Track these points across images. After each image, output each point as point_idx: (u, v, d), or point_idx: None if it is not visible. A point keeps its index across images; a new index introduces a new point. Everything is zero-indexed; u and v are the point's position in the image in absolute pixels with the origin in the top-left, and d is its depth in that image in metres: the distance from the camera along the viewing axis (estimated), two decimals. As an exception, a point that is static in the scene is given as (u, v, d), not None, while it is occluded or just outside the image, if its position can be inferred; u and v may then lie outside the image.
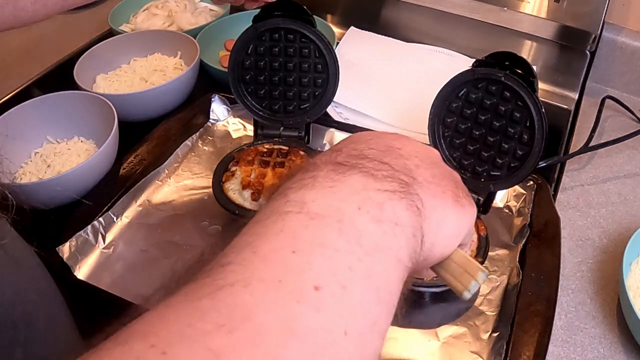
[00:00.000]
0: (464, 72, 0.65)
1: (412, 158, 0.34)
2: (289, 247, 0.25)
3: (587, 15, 0.89)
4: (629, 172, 0.79)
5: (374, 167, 0.31)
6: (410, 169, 0.33)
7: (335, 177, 0.30)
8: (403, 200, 0.30)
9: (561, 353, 0.58)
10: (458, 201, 0.34)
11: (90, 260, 0.65)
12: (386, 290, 0.27)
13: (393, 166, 0.32)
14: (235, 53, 0.74)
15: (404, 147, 0.35)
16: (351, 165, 0.31)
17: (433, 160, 0.36)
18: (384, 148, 0.34)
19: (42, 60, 1.00)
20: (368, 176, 0.30)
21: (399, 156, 0.33)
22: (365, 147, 0.34)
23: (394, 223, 0.28)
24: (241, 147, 0.73)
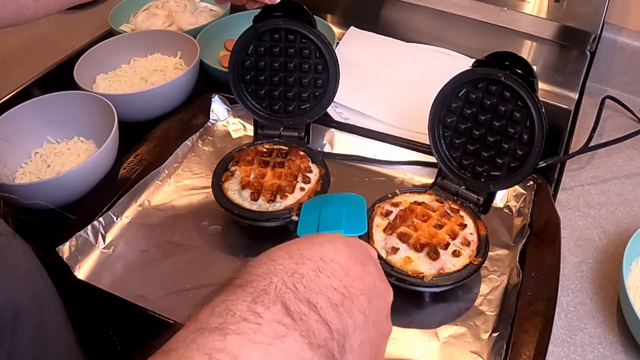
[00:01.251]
0: (464, 72, 0.65)
1: (357, 315, 0.35)
2: None
3: (587, 15, 0.89)
4: (629, 172, 0.79)
5: (315, 329, 0.32)
6: (347, 333, 0.34)
7: (277, 333, 0.30)
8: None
9: (561, 353, 0.58)
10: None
11: (90, 260, 0.65)
12: None
13: (332, 327, 0.33)
14: (236, 53, 0.74)
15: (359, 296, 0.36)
16: (297, 319, 0.31)
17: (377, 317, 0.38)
18: (340, 296, 0.35)
19: (42, 60, 1.00)
20: (304, 341, 0.30)
21: (346, 313, 0.34)
22: (324, 286, 0.34)
23: None
24: (241, 147, 0.73)
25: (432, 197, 0.66)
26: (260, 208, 0.65)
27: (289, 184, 0.66)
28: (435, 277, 0.57)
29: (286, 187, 0.66)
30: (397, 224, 0.62)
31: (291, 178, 0.67)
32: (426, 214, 0.62)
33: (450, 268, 0.58)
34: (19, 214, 0.39)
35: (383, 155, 0.77)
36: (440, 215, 0.62)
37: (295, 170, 0.68)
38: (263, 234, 0.68)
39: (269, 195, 0.65)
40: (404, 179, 0.75)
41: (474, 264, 0.58)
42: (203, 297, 0.33)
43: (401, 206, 0.64)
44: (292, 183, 0.67)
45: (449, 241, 0.60)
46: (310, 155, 0.72)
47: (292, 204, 0.65)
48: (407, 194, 0.66)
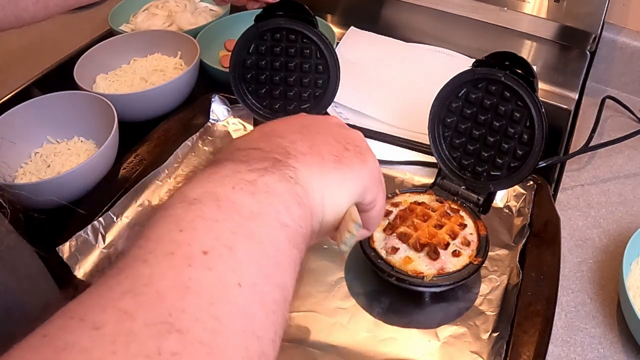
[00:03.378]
0: (464, 72, 0.65)
1: (289, 135, 0.37)
2: (175, 229, 0.28)
3: (587, 15, 0.89)
4: (629, 172, 0.79)
5: (245, 155, 0.34)
6: (285, 146, 0.36)
7: (211, 171, 0.33)
8: (275, 174, 0.33)
9: (561, 353, 0.58)
10: (342, 162, 0.37)
11: (90, 260, 0.65)
12: (273, 247, 0.30)
13: (264, 149, 0.35)
14: (237, 52, 0.75)
15: (286, 128, 0.38)
16: (224, 159, 0.34)
17: (321, 129, 0.40)
18: (260, 135, 0.38)
19: (42, 60, 1.00)
20: (239, 163, 0.33)
21: (274, 137, 0.37)
22: (241, 140, 0.38)
23: (268, 193, 0.31)
24: None
25: (432, 197, 0.66)
26: None
27: None
28: (435, 277, 0.57)
29: None
30: (397, 223, 0.62)
31: None
32: (426, 214, 0.62)
33: (450, 268, 0.58)
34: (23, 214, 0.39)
35: (383, 155, 0.77)
36: (440, 215, 0.62)
37: None
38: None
39: None
40: (404, 179, 0.75)
41: (474, 264, 0.58)
42: None
43: (401, 206, 0.64)
44: None
45: (449, 241, 0.60)
46: None
47: None
48: (407, 194, 0.66)
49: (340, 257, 0.65)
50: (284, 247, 0.30)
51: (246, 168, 0.32)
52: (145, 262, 0.27)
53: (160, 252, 0.27)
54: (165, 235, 0.28)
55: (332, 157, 0.37)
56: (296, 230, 0.32)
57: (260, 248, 0.29)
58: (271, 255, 0.29)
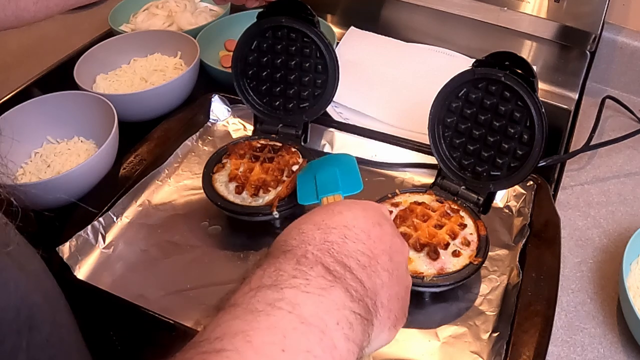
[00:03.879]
0: (464, 72, 0.65)
1: (383, 274, 0.39)
2: (279, 345, 0.29)
3: (587, 15, 0.89)
4: (629, 172, 0.79)
5: (353, 285, 0.36)
6: (377, 290, 0.38)
7: (324, 286, 0.34)
8: (364, 326, 0.35)
9: (561, 353, 0.58)
10: (395, 326, 0.40)
11: (90, 260, 0.65)
12: None
13: (366, 287, 0.37)
14: (239, 48, 0.75)
15: (381, 256, 0.40)
16: (338, 276, 0.35)
17: (399, 272, 0.41)
18: (367, 259, 0.39)
19: (42, 60, 1.00)
20: (347, 294, 0.35)
21: (374, 272, 0.38)
22: (353, 250, 0.38)
23: (355, 343, 0.33)
24: (237, 141, 0.74)
25: (432, 197, 0.66)
26: (243, 202, 0.66)
27: (274, 179, 0.67)
28: (435, 277, 0.57)
29: (270, 182, 0.66)
30: (397, 224, 0.62)
31: (277, 173, 0.67)
32: (426, 214, 0.62)
33: (450, 268, 0.58)
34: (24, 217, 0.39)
35: (383, 155, 0.77)
36: (440, 215, 0.62)
37: (283, 165, 0.68)
38: (263, 234, 0.68)
39: (253, 190, 0.66)
40: (404, 179, 0.75)
41: (474, 264, 0.58)
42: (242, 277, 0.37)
43: (401, 206, 0.64)
44: (278, 178, 0.67)
45: (449, 241, 0.60)
46: (303, 152, 0.72)
47: (272, 198, 0.65)
48: (407, 194, 0.66)
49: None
50: None
51: (351, 307, 0.34)
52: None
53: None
54: (268, 348, 0.29)
55: (394, 319, 0.39)
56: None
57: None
58: None
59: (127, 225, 0.69)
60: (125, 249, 0.66)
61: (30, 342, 0.36)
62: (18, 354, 0.35)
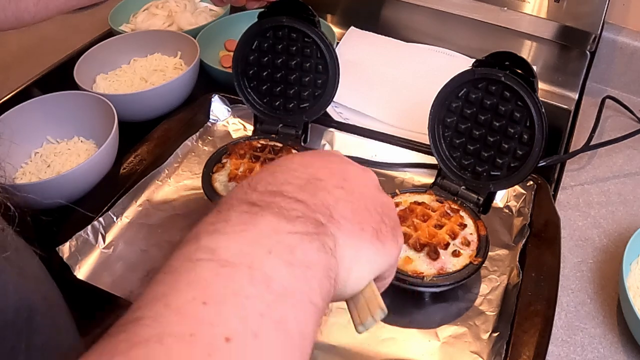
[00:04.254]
0: (464, 72, 0.65)
1: (335, 190, 0.34)
2: (200, 298, 0.25)
3: (587, 15, 0.89)
4: (629, 172, 0.79)
5: (288, 207, 0.31)
6: (329, 204, 0.33)
7: (247, 220, 0.30)
8: (315, 242, 0.30)
9: (561, 353, 0.58)
10: (378, 238, 0.35)
11: (90, 260, 0.65)
12: (299, 334, 0.27)
13: (309, 204, 0.32)
14: (240, 47, 0.75)
15: (329, 178, 0.35)
16: (264, 204, 0.31)
17: (362, 190, 0.37)
18: (305, 181, 0.34)
19: (42, 60, 1.00)
20: (280, 217, 0.30)
21: (320, 189, 0.34)
22: (285, 179, 0.34)
23: (305, 266, 0.28)
24: (238, 141, 0.74)
25: (432, 197, 0.66)
26: None
27: None
28: (435, 277, 0.57)
29: None
30: (397, 224, 0.61)
31: None
32: (426, 214, 0.62)
33: (450, 268, 0.58)
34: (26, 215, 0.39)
35: (383, 156, 0.77)
36: (440, 215, 0.62)
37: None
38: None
39: None
40: (404, 179, 0.75)
41: (474, 264, 0.58)
42: None
43: (401, 206, 0.64)
44: None
45: (449, 241, 0.60)
46: None
47: None
48: (407, 194, 0.66)
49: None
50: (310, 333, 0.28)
51: (287, 228, 0.30)
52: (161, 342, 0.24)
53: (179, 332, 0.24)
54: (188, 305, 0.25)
55: (371, 230, 0.35)
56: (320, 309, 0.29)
57: (286, 335, 0.26)
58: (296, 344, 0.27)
59: (127, 225, 0.69)
60: (125, 249, 0.66)
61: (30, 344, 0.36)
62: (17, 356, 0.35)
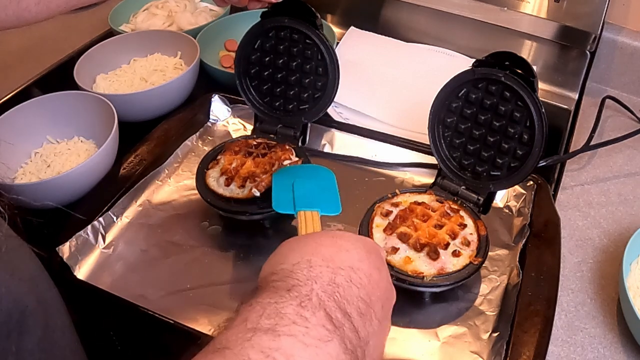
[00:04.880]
0: (464, 72, 0.65)
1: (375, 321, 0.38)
2: None
3: (587, 15, 0.89)
4: (629, 172, 0.79)
5: (349, 336, 0.35)
6: (368, 340, 0.37)
7: (323, 337, 0.33)
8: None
9: (561, 353, 0.58)
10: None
11: (90, 260, 0.65)
12: None
13: (360, 335, 0.36)
14: (243, 46, 0.75)
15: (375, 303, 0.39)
16: (338, 326, 0.35)
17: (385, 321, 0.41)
18: (366, 305, 0.38)
19: (42, 60, 1.00)
20: (342, 346, 0.34)
21: (370, 320, 0.38)
22: (356, 295, 0.38)
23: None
24: (235, 139, 0.74)
25: (432, 197, 0.66)
26: (231, 193, 0.66)
27: (263, 171, 0.67)
28: (435, 277, 0.57)
29: (259, 174, 0.66)
30: (397, 224, 0.62)
31: (267, 166, 0.67)
32: (426, 214, 0.62)
33: (450, 268, 0.58)
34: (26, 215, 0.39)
35: (383, 156, 0.77)
36: (440, 215, 0.62)
37: (275, 159, 0.68)
38: (263, 234, 0.68)
39: (240, 181, 0.66)
40: (404, 179, 0.75)
41: (474, 264, 0.58)
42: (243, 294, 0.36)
43: (401, 206, 0.64)
44: (266, 170, 0.67)
45: (449, 241, 0.60)
46: (297, 152, 0.72)
47: (256, 184, 0.65)
48: (407, 194, 0.66)
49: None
50: None
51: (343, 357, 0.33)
52: None
53: None
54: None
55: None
56: None
57: None
58: None
59: (127, 225, 0.69)
60: (125, 249, 0.66)
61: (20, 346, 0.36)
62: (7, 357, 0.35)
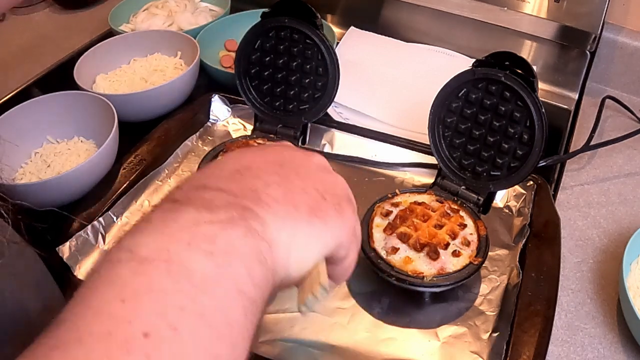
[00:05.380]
0: (464, 72, 0.65)
1: (266, 176, 0.34)
2: (118, 297, 0.25)
3: (587, 15, 0.89)
4: (629, 172, 0.79)
5: (210, 197, 0.30)
6: (257, 189, 0.32)
7: (168, 216, 0.29)
8: (239, 229, 0.29)
9: (561, 353, 0.58)
10: (316, 215, 0.34)
11: (91, 260, 0.65)
12: (226, 325, 0.26)
13: (235, 191, 0.31)
14: (243, 46, 0.75)
15: (262, 166, 0.35)
16: (186, 199, 0.30)
17: (301, 172, 0.36)
18: (232, 172, 0.33)
19: (42, 60, 1.00)
20: (201, 209, 0.29)
21: (248, 177, 0.33)
22: (211, 173, 0.34)
23: (229, 254, 0.28)
24: (235, 139, 0.74)
25: (432, 197, 0.66)
26: None
27: None
28: (435, 277, 0.57)
29: None
30: (397, 224, 0.62)
31: None
32: (426, 214, 0.62)
33: (450, 268, 0.58)
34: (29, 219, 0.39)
35: (383, 156, 0.77)
36: (440, 215, 0.62)
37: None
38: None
39: None
40: (404, 179, 0.75)
41: (474, 264, 0.58)
42: None
43: (401, 206, 0.64)
44: None
45: (449, 241, 0.60)
46: None
47: None
48: (407, 194, 0.66)
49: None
50: (239, 321, 0.27)
51: (209, 218, 0.29)
52: (80, 342, 0.24)
53: (97, 331, 0.24)
54: (106, 306, 0.25)
55: (307, 209, 0.33)
56: (255, 294, 0.29)
57: (210, 329, 0.26)
58: (223, 334, 0.26)
59: (127, 225, 0.69)
60: (125, 249, 0.66)
61: None
62: None
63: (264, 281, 0.30)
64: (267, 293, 0.30)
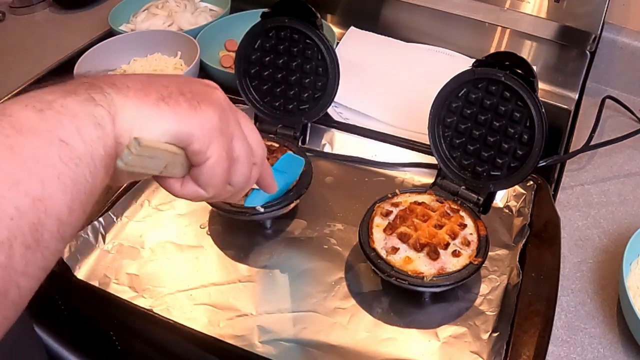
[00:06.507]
0: (464, 72, 0.65)
1: (131, 77, 0.37)
2: None
3: (587, 15, 0.89)
4: (629, 172, 0.79)
5: (77, 83, 0.34)
6: (118, 79, 0.36)
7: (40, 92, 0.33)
8: (79, 96, 0.33)
9: (561, 353, 0.58)
10: (165, 102, 0.37)
11: (90, 260, 0.65)
12: (34, 160, 0.30)
13: (102, 79, 0.36)
14: (243, 46, 0.75)
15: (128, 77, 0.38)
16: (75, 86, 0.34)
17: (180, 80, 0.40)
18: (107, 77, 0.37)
19: (42, 60, 1.00)
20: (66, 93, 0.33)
21: (116, 78, 0.37)
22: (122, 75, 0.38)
23: (58, 112, 0.32)
24: None
25: (432, 197, 0.66)
26: None
27: None
28: (435, 277, 0.57)
29: None
30: (397, 224, 0.62)
31: None
32: (426, 214, 0.62)
33: (450, 268, 0.58)
34: None
35: (383, 156, 0.77)
36: (440, 215, 0.62)
37: (273, 162, 0.68)
38: (263, 235, 0.68)
39: None
40: (404, 179, 0.75)
41: (474, 264, 0.58)
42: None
43: (401, 206, 0.64)
44: None
45: (449, 241, 0.60)
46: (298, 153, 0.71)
47: None
48: (407, 194, 0.66)
49: (340, 257, 0.65)
50: (50, 160, 0.30)
51: (59, 89, 0.33)
52: None
53: None
54: None
55: (157, 96, 0.37)
56: (83, 149, 0.32)
57: (18, 159, 0.29)
58: (29, 166, 0.29)
59: (127, 225, 0.69)
60: (125, 249, 0.66)
61: None
62: None
63: (101, 142, 0.33)
64: (109, 157, 0.34)
